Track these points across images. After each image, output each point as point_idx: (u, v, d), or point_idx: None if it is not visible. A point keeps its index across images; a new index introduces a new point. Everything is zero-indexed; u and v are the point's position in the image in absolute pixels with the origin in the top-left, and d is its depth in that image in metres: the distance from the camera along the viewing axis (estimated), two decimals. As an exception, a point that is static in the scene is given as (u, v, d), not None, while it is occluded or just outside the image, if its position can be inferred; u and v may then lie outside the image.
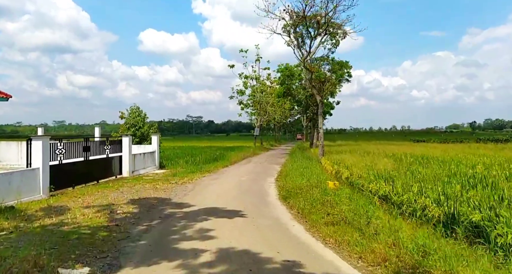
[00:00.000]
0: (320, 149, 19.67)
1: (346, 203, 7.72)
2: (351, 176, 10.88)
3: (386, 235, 5.67)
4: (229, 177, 15.44)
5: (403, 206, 7.16)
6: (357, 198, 8.45)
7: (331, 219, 6.83)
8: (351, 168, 12.25)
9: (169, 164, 20.44)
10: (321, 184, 10.29)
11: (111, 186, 12.56)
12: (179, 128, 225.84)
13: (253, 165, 21.66)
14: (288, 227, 7.00)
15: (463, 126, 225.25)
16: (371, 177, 9.97)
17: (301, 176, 12.33)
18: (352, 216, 6.64)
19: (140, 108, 19.80)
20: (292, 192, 9.94)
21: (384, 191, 8.27)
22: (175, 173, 16.22)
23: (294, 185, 10.84)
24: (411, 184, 8.43)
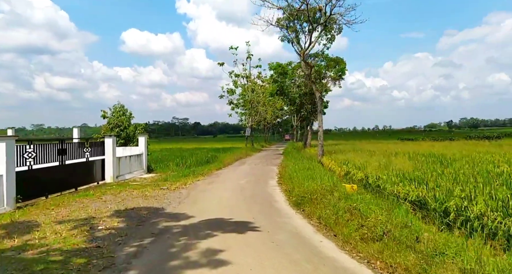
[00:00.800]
0: (319, 148, 18.44)
1: (377, 211, 6.41)
2: (368, 178, 9.63)
3: (450, 256, 4.37)
4: (226, 180, 13.98)
5: (449, 215, 5.91)
6: (385, 204, 7.15)
7: (367, 232, 5.49)
8: (364, 169, 11.01)
9: (158, 167, 18.81)
10: (337, 187, 8.97)
11: (92, 194, 10.91)
12: (165, 130, 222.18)
13: (249, 166, 20.24)
14: (315, 244, 5.62)
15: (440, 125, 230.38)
16: (394, 179, 8.73)
17: (309, 179, 10.99)
18: (397, 230, 5.30)
19: (125, 106, 18.11)
20: (306, 197, 8.58)
21: (416, 195, 7.02)
22: (166, 178, 14.64)
23: (304, 189, 9.48)
24: (447, 186, 7.19)
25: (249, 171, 17.78)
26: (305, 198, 8.58)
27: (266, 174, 16.21)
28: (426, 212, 6.61)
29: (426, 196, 6.68)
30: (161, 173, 16.94)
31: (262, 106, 43.44)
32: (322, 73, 18.05)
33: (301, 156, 21.47)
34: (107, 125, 17.68)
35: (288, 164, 17.25)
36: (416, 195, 6.95)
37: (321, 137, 18.52)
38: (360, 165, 11.96)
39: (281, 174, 15.10)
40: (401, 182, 8.38)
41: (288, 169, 15.31)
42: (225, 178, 14.88)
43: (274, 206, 8.66)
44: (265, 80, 42.83)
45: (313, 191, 8.88)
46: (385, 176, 9.18)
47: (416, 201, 6.98)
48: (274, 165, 21.31)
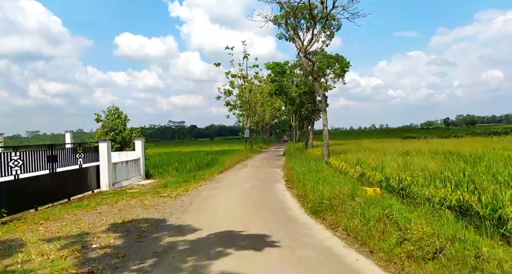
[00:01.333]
0: (325, 149, 17.58)
1: (416, 220, 5.53)
2: (389, 180, 8.77)
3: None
4: (230, 185, 13.06)
5: (504, 224, 5.05)
6: (420, 211, 6.28)
7: (413, 249, 4.60)
8: (382, 170, 10.15)
9: (157, 172, 17.85)
10: (356, 191, 8.09)
11: (86, 204, 9.95)
12: (162, 134, 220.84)
13: (251, 169, 19.34)
14: (350, 263, 4.73)
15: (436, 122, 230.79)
16: (421, 181, 7.88)
17: (321, 182, 10.11)
18: (451, 245, 4.42)
19: (119, 109, 17.12)
20: (324, 204, 7.69)
21: (456, 199, 6.16)
22: (166, 183, 13.69)
23: (319, 194, 8.60)
24: (491, 188, 6.33)
25: (252, 174, 16.88)
26: (323, 204, 7.69)
27: (271, 177, 15.32)
28: (469, 220, 5.76)
29: (470, 201, 5.82)
30: (160, 179, 15.98)
31: (260, 106, 42.61)
32: (324, 70, 17.16)
33: (305, 157, 20.59)
34: (101, 129, 16.70)
35: (293, 166, 16.36)
36: (456, 199, 6.10)
37: (326, 136, 17.67)
38: (375, 165, 11.10)
39: (288, 177, 14.21)
40: (430, 184, 7.54)
41: (295, 172, 14.43)
42: (228, 182, 13.96)
43: (289, 215, 7.76)
44: (262, 80, 42.03)
45: (331, 197, 8.00)
46: (409, 178, 8.33)
47: (456, 206, 6.13)
48: (277, 167, 20.43)
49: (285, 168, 18.99)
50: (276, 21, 26.26)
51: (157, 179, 16.13)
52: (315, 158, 19.71)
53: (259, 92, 41.48)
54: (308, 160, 18.45)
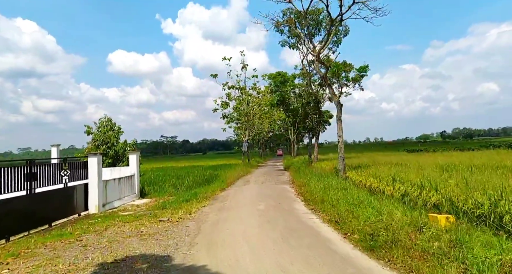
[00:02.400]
0: (340, 163, 16.03)
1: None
2: (456, 202, 7.07)
3: None
4: (239, 205, 11.35)
5: None
6: None
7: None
8: (435, 188, 8.41)
9: (152, 190, 16.02)
10: (421, 219, 6.39)
11: (69, 232, 8.16)
12: (154, 149, 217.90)
13: (256, 186, 17.65)
14: None
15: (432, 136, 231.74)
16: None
17: (357, 204, 8.49)
18: None
19: (112, 120, 15.45)
20: (381, 237, 5.94)
21: None
22: (164, 204, 11.91)
23: (365, 222, 6.90)
24: None
25: (259, 191, 15.20)
26: (378, 237, 6.00)
27: (282, 195, 13.66)
28: None
29: None
30: (156, 198, 14.19)
31: (258, 118, 41.22)
32: (340, 74, 15.87)
33: (313, 172, 19.01)
34: (92, 142, 14.97)
35: (307, 182, 14.75)
36: None
37: (341, 149, 16.16)
38: (419, 182, 9.35)
39: (304, 196, 12.57)
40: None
41: (311, 189, 12.81)
42: (236, 202, 12.25)
43: (335, 251, 6.03)
44: (261, 92, 40.79)
45: (385, 226, 6.34)
46: (487, 201, 6.61)
47: None
48: (283, 183, 18.80)
49: (294, 184, 17.37)
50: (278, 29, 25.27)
51: (153, 198, 14.33)
52: (326, 174, 18.14)
53: (257, 104, 40.19)
54: (319, 176, 16.87)
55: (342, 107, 16.26)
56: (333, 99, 16.35)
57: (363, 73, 16.00)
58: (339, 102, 16.27)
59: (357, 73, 16.17)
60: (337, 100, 16.27)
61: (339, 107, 16.21)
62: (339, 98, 16.40)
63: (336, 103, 16.23)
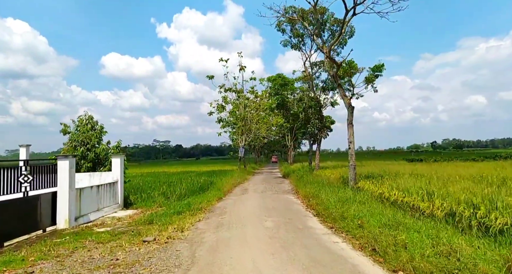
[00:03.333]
0: (351, 172, 14.25)
1: None
2: None
3: None
4: (242, 221, 9.42)
5: None
6: None
7: None
8: (498, 208, 6.60)
9: (139, 199, 13.98)
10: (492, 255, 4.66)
11: (21, 258, 6.16)
12: (146, 153, 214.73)
13: (257, 195, 15.74)
14: None
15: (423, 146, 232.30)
16: None
17: (397, 227, 6.65)
18: None
19: (94, 118, 13.47)
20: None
21: None
22: (151, 217, 9.90)
23: (426, 258, 5.04)
24: None
25: (262, 202, 13.30)
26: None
27: (289, 208, 11.79)
28: None
29: None
30: (143, 209, 12.19)
31: (255, 123, 39.32)
32: (352, 74, 14.20)
33: (319, 181, 17.18)
34: (68, 143, 12.96)
35: (315, 193, 12.91)
36: None
37: (352, 156, 14.39)
38: (468, 199, 7.50)
39: (316, 210, 10.68)
40: None
41: (323, 201, 10.97)
42: (237, 216, 10.32)
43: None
44: (259, 96, 39.03)
45: (458, 268, 4.51)
46: None
47: None
48: (286, 192, 16.94)
49: (299, 194, 15.51)
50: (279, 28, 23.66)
51: (139, 209, 12.31)
52: (333, 183, 16.33)
53: (255, 108, 38.36)
54: (326, 186, 15.06)
55: (353, 110, 14.53)
56: (344, 101, 14.63)
57: (378, 72, 14.30)
58: (350, 105, 14.54)
59: (371, 72, 14.44)
60: (348, 102, 14.54)
61: (350, 110, 14.48)
62: (350, 100, 14.68)
63: (347, 105, 14.50)
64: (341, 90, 14.53)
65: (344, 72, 14.55)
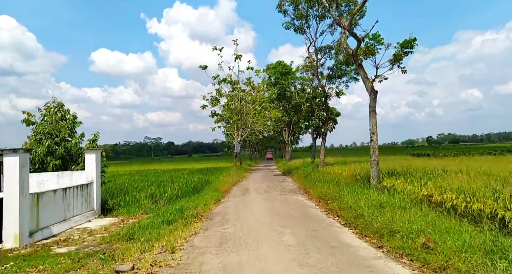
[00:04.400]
0: (373, 168, 12.10)
1: None
2: None
3: None
4: (253, 234, 7.18)
5: None
6: None
7: None
8: None
9: (122, 202, 11.60)
10: None
11: None
12: (137, 151, 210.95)
13: (261, 196, 13.53)
14: None
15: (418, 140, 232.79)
16: None
17: (495, 252, 4.53)
18: None
19: (64, 105, 11.04)
20: None
21: None
22: (132, 230, 7.57)
23: None
24: None
25: (270, 205, 11.10)
26: None
27: (306, 214, 9.60)
28: None
29: None
30: (124, 217, 9.85)
31: (251, 117, 36.89)
32: (375, 50, 11.99)
33: (329, 179, 15.02)
34: (33, 135, 10.52)
35: (335, 195, 10.77)
36: None
37: (375, 150, 12.25)
38: None
39: (344, 218, 8.47)
40: None
41: (350, 205, 8.82)
42: (244, 226, 8.08)
43: None
44: (255, 87, 36.56)
45: None
46: None
47: None
48: (292, 192, 14.79)
49: (310, 195, 13.35)
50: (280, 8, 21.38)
51: (120, 216, 9.97)
52: (348, 181, 14.21)
53: (252, 101, 35.95)
54: (346, 185, 12.92)
55: (376, 95, 12.36)
56: (366, 85, 12.45)
57: (408, 49, 12.11)
58: (373, 89, 12.36)
59: (400, 49, 12.26)
60: (370, 85, 12.36)
61: (373, 95, 12.31)
62: (373, 83, 12.50)
63: (370, 89, 12.32)
64: (362, 71, 12.34)
65: (365, 50, 12.32)
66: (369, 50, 12.07)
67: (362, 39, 11.69)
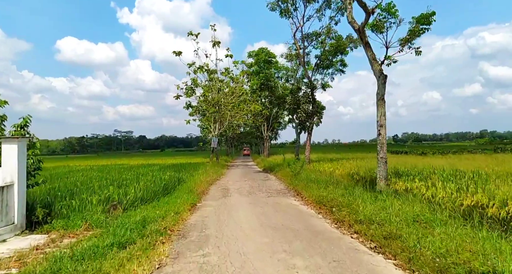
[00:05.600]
0: (381, 167, 10.01)
1: None
2: None
3: None
4: (248, 269, 4.78)
5: None
6: None
7: None
8: None
9: (64, 209, 8.71)
10: None
11: None
12: (106, 144, 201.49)
13: (246, 200, 11.12)
14: None
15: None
16: None
17: None
18: None
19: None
20: None
21: None
22: (57, 264, 4.91)
23: None
24: None
25: (261, 214, 8.71)
26: None
27: (311, 227, 7.30)
28: None
29: None
30: (58, 234, 7.04)
31: (230, 110, 34.18)
32: (383, 27, 9.88)
33: (324, 180, 12.89)
34: None
35: (333, 198, 8.59)
36: None
37: (383, 146, 10.17)
38: None
39: (365, 234, 6.19)
40: None
41: (365, 216, 6.62)
42: (232, 251, 5.62)
43: None
44: (235, 79, 33.88)
45: None
46: None
47: None
48: (281, 193, 12.52)
49: (303, 198, 11.08)
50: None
51: (52, 233, 7.16)
52: (343, 181, 12.15)
53: (230, 92, 33.25)
54: (347, 187, 10.79)
55: (386, 80, 10.25)
56: (373, 68, 10.30)
57: (425, 26, 10.05)
58: (382, 72, 10.24)
59: (415, 24, 10.17)
60: (379, 68, 10.22)
61: (382, 79, 10.18)
62: (381, 67, 10.38)
63: (378, 73, 10.18)
64: (370, 51, 10.18)
65: (373, 26, 10.16)
66: (377, 27, 9.90)
67: (372, 11, 9.52)
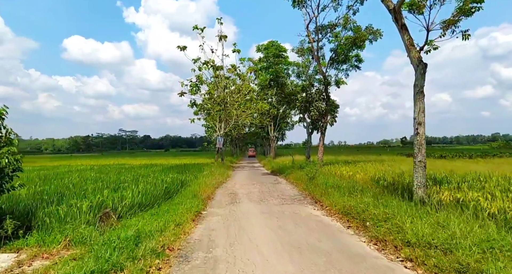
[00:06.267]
0: (418, 173, 8.53)
1: None
2: None
3: None
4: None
5: None
6: None
7: None
8: None
9: (47, 218, 7.36)
10: None
11: None
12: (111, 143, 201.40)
13: (258, 208, 9.71)
14: None
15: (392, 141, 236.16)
16: None
17: None
18: None
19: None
20: None
21: None
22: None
23: None
24: None
25: (278, 228, 7.30)
26: None
27: (345, 248, 5.89)
28: None
29: None
30: (29, 254, 5.65)
31: (236, 108, 32.74)
32: (424, 6, 8.41)
33: (346, 186, 11.45)
34: None
35: (363, 208, 7.13)
36: None
37: (422, 147, 8.71)
38: None
39: (431, 269, 4.81)
40: None
41: (423, 239, 5.19)
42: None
43: None
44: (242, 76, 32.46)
45: None
46: None
47: None
48: (297, 201, 11.05)
49: (323, 206, 9.63)
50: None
51: (22, 252, 5.79)
52: (374, 189, 10.68)
53: (237, 90, 31.84)
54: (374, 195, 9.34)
55: (425, 70, 8.78)
56: (410, 55, 8.83)
57: (476, 4, 8.55)
58: (421, 60, 8.77)
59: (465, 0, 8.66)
60: (417, 56, 8.76)
61: (421, 68, 8.71)
62: (419, 53, 8.90)
63: (417, 61, 8.71)
64: (407, 35, 8.71)
65: (412, 4, 8.71)
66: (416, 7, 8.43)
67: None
